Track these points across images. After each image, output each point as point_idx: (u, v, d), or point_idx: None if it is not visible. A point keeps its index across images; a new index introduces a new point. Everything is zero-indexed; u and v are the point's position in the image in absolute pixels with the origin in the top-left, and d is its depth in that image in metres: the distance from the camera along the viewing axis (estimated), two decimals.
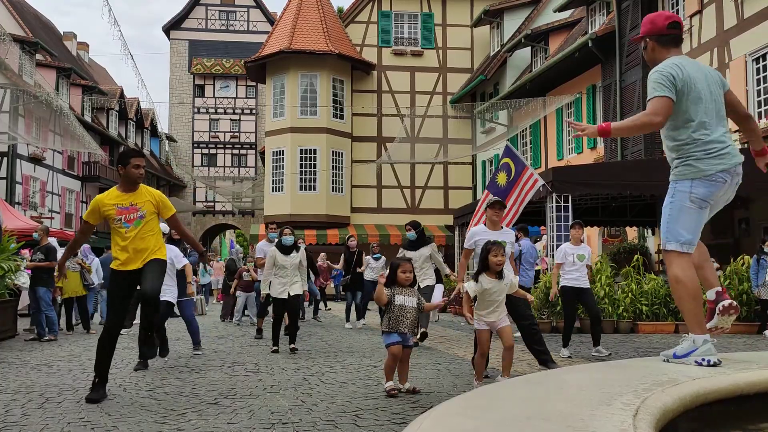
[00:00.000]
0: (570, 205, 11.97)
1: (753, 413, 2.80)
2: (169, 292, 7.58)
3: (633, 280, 11.72)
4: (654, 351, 8.62)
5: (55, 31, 42.94)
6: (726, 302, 3.62)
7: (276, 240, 9.28)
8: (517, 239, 10.36)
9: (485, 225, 6.50)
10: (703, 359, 3.33)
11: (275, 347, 8.50)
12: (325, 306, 19.35)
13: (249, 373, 6.51)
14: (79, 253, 12.29)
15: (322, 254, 16.95)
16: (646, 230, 18.21)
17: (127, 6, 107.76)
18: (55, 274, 8.62)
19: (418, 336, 8.57)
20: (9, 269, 10.37)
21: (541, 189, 11.59)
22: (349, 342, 9.76)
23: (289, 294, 8.44)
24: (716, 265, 11.90)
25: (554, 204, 11.95)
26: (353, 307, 12.75)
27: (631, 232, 18.63)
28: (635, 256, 12.69)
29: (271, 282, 8.56)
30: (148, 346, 5.62)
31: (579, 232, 8.26)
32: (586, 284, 8.13)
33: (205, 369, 6.85)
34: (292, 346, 8.52)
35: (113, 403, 4.97)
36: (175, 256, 7.82)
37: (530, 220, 14.72)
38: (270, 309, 11.07)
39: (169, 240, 7.78)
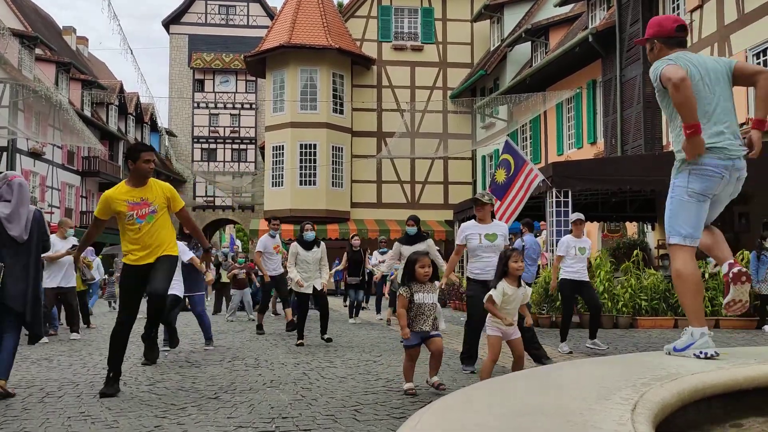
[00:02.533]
0: (570, 200, 11.97)
1: (751, 408, 2.81)
2: (176, 287, 7.63)
3: (632, 276, 11.74)
4: (653, 346, 8.63)
5: (55, 26, 42.85)
6: (735, 269, 3.59)
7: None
8: (521, 234, 10.36)
9: (475, 220, 6.52)
10: (701, 352, 3.37)
11: (300, 341, 8.60)
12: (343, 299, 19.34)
13: (249, 368, 6.52)
14: None
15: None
16: (645, 225, 18.21)
17: (127, 0, 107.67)
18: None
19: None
20: None
21: (541, 184, 11.60)
22: (349, 337, 9.78)
23: (314, 288, 8.59)
24: (715, 261, 11.81)
25: (554, 199, 11.95)
26: (380, 303, 13.15)
27: (631, 228, 18.64)
28: (635, 252, 12.71)
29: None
30: (149, 347, 5.61)
31: (580, 229, 8.27)
32: (586, 278, 8.14)
33: (205, 364, 6.87)
34: (326, 336, 8.69)
35: (114, 397, 4.98)
36: (181, 251, 7.88)
37: (530, 215, 14.69)
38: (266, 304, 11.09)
39: (180, 233, 7.78)
